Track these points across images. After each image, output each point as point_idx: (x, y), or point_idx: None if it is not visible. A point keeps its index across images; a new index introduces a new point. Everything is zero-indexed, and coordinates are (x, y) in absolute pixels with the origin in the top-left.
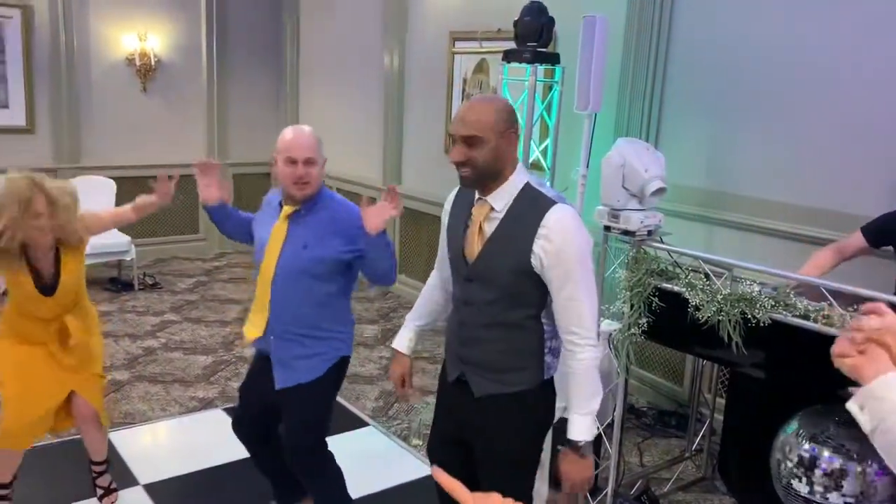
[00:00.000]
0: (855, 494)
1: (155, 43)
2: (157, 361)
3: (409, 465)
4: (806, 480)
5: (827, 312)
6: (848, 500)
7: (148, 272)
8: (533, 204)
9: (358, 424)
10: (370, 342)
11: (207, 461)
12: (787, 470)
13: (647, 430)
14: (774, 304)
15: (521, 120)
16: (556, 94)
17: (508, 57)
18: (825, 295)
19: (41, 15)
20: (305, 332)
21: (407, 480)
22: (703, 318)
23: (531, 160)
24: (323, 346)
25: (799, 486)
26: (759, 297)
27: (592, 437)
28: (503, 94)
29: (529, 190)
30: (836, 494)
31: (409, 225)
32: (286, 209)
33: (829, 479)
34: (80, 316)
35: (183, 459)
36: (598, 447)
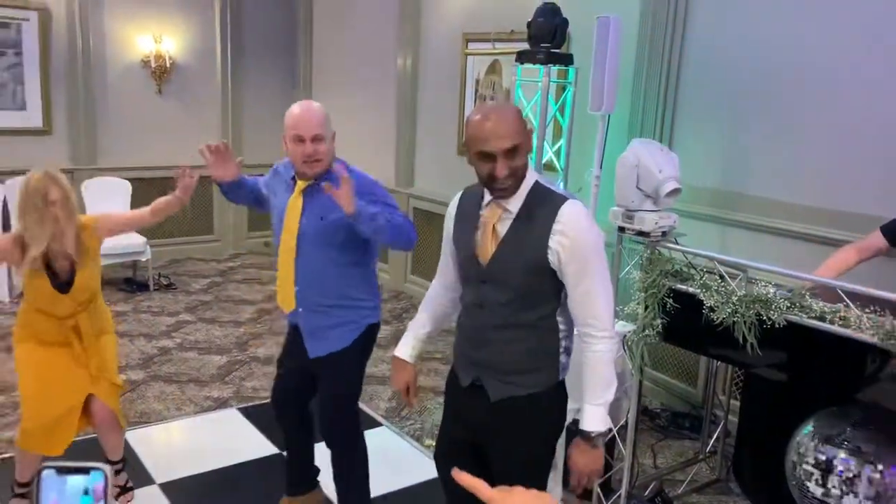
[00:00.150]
0: (870, 497)
1: (170, 45)
2: (172, 361)
3: (421, 465)
4: (821, 482)
5: (843, 314)
6: (863, 502)
7: (163, 273)
8: (545, 201)
9: (371, 425)
10: (383, 343)
11: (222, 460)
12: (802, 472)
13: (660, 431)
14: (790, 305)
15: (534, 121)
16: (569, 94)
17: (522, 58)
18: (841, 296)
19: (58, 18)
20: (333, 302)
21: (419, 481)
22: (718, 319)
23: (544, 161)
24: (351, 314)
25: (814, 488)
26: (774, 298)
27: (605, 428)
28: (516, 94)
29: (540, 188)
30: (851, 497)
31: (422, 226)
32: (300, 184)
33: (844, 481)
34: (94, 316)
35: (198, 459)
36: (611, 448)
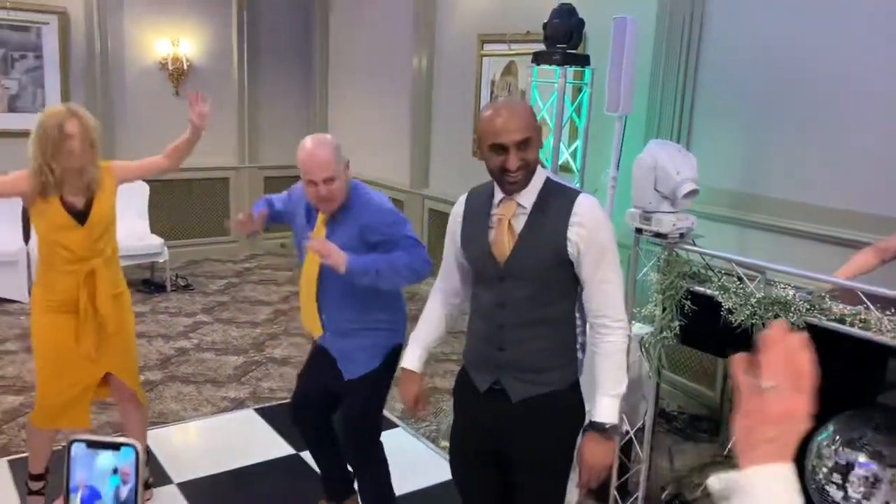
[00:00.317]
0: (891, 501)
1: (187, 48)
2: (189, 362)
3: (437, 467)
4: (841, 486)
5: (863, 316)
6: None
7: (180, 274)
8: (559, 195)
9: (387, 426)
10: None
11: (239, 461)
12: (821, 475)
13: (678, 434)
14: (809, 307)
15: (550, 122)
16: (585, 95)
17: (538, 59)
18: (862, 298)
19: (77, 21)
20: (360, 325)
21: (435, 482)
22: (736, 321)
23: (560, 162)
24: (379, 336)
25: (834, 492)
26: (793, 300)
27: (617, 420)
28: (532, 95)
29: (551, 183)
30: (871, 501)
31: (436, 227)
32: (321, 216)
33: (864, 485)
34: (110, 266)
35: (215, 459)
36: (628, 451)
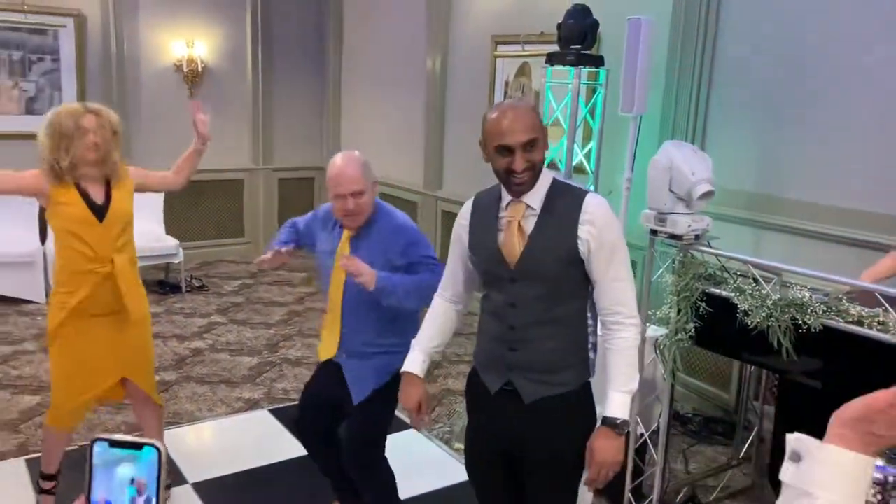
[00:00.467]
0: None
1: (202, 49)
2: (203, 362)
3: (450, 469)
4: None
5: (882, 318)
6: None
7: (195, 275)
8: (567, 195)
9: (399, 427)
10: None
11: (254, 461)
12: None
13: (692, 436)
14: (826, 309)
15: (564, 123)
16: (599, 96)
17: (552, 60)
18: (880, 301)
19: (93, 23)
20: (375, 349)
21: (448, 484)
22: (752, 323)
23: (575, 163)
24: (392, 359)
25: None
26: (810, 302)
27: (628, 416)
28: (546, 96)
29: (559, 184)
30: None
31: (450, 228)
32: (346, 233)
33: (883, 489)
34: (129, 261)
35: (230, 459)
36: (643, 454)
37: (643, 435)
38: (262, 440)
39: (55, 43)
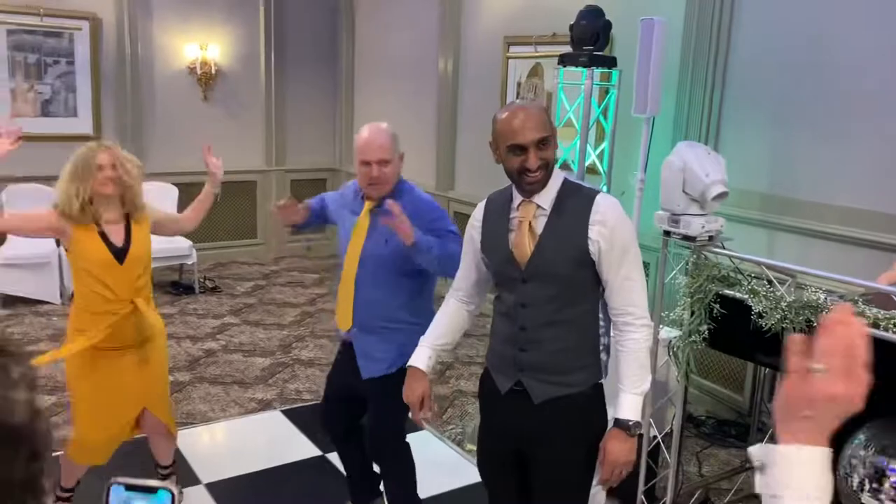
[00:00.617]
0: None
1: (215, 52)
2: (217, 363)
3: (462, 470)
4: (874, 493)
5: None
6: None
7: (208, 276)
8: (577, 195)
9: (411, 429)
10: None
11: (267, 462)
12: (854, 483)
13: (706, 439)
14: None
15: (576, 124)
16: (612, 97)
17: (564, 60)
18: None
19: (108, 26)
20: (387, 324)
21: (460, 485)
22: (766, 325)
23: (587, 164)
24: (404, 337)
25: (867, 498)
26: (825, 304)
27: (640, 417)
28: (559, 97)
29: (569, 184)
30: None
31: (462, 228)
32: (368, 204)
33: None
34: (146, 300)
35: (243, 460)
36: (656, 456)
37: (656, 437)
38: (274, 441)
39: (70, 46)
